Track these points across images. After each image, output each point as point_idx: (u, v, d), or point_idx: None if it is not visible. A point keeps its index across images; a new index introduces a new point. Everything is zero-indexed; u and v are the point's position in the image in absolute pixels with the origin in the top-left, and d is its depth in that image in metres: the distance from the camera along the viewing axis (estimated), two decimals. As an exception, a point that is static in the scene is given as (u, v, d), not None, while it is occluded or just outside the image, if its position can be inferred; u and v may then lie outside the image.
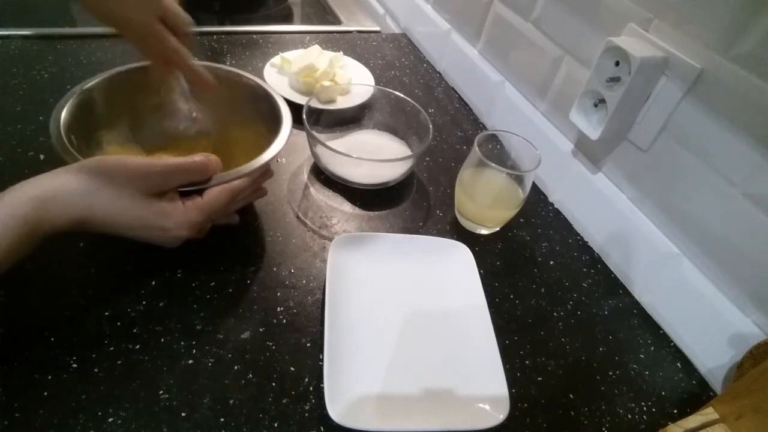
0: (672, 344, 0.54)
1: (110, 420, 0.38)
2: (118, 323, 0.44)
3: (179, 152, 0.58)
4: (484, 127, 0.81)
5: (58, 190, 0.37)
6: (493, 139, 0.61)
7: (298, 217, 0.58)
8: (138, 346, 0.42)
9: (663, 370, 0.51)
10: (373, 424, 0.39)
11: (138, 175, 0.40)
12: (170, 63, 0.51)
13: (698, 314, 0.51)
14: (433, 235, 0.59)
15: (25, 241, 0.35)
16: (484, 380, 0.44)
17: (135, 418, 0.38)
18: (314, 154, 0.64)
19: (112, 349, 0.42)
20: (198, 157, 0.43)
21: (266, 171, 0.48)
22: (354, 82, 0.80)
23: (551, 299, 0.56)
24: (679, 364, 0.53)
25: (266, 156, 0.48)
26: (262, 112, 0.56)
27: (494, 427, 0.41)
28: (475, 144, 0.56)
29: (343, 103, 0.75)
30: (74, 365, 0.40)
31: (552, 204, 0.69)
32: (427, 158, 0.71)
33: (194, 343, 0.44)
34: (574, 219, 0.66)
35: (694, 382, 0.51)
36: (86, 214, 0.38)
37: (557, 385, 0.47)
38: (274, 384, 0.42)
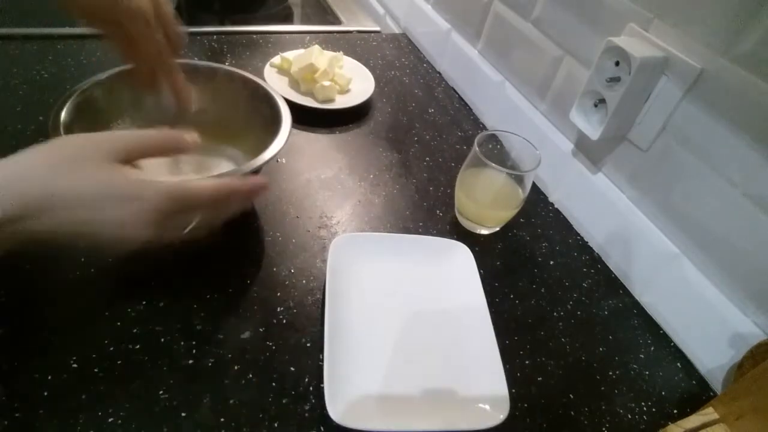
0: (672, 344, 0.54)
1: (110, 420, 0.38)
2: (118, 323, 0.44)
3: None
4: (484, 127, 0.81)
5: (10, 173, 0.31)
6: (493, 139, 0.61)
7: (298, 217, 0.58)
8: (138, 346, 0.42)
9: (663, 370, 0.51)
10: (373, 424, 0.39)
11: (100, 140, 0.35)
12: (153, 69, 0.47)
13: (698, 314, 0.51)
14: (433, 235, 0.59)
15: None
16: (484, 380, 0.44)
17: (135, 418, 0.38)
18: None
19: (112, 349, 0.42)
20: (175, 131, 0.39)
21: (261, 184, 0.41)
22: (354, 82, 0.80)
23: (551, 299, 0.56)
24: (679, 364, 0.53)
25: (266, 155, 0.48)
26: (262, 112, 0.56)
27: (494, 427, 0.41)
28: (475, 144, 0.56)
29: (342, 103, 0.76)
30: (74, 365, 0.40)
31: (552, 204, 0.69)
32: (427, 158, 0.71)
33: (194, 343, 0.44)
34: (574, 219, 0.66)
35: (694, 382, 0.51)
36: (43, 194, 0.31)
37: (557, 385, 0.47)
38: (274, 384, 0.42)
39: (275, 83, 0.75)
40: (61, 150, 0.34)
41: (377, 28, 1.05)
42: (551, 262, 0.60)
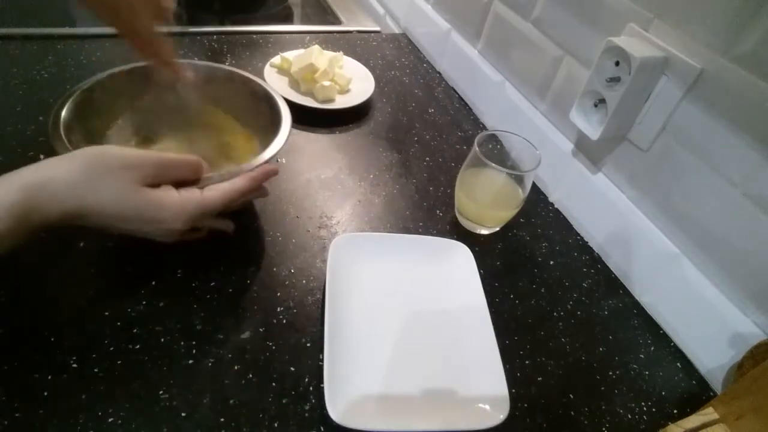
0: (672, 344, 0.54)
1: (110, 420, 0.38)
2: (118, 323, 0.44)
3: (180, 151, 0.58)
4: (484, 127, 0.81)
5: (50, 180, 0.36)
6: (493, 139, 0.61)
7: (298, 217, 0.58)
8: (138, 346, 0.42)
9: (663, 370, 0.51)
10: (373, 424, 0.39)
11: (133, 164, 0.39)
12: (153, 54, 0.50)
13: (698, 314, 0.51)
14: (433, 235, 0.59)
15: (13, 229, 0.34)
16: (484, 380, 0.44)
17: (135, 418, 0.38)
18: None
19: (112, 349, 0.42)
20: (193, 157, 0.43)
21: (271, 170, 0.47)
22: (354, 82, 0.80)
23: (551, 299, 0.56)
24: (679, 364, 0.53)
25: (266, 155, 0.48)
26: (262, 112, 0.56)
27: (494, 427, 0.41)
28: (475, 144, 0.56)
29: (342, 102, 0.76)
30: (74, 365, 0.40)
31: (552, 204, 0.69)
32: (427, 158, 0.71)
33: (194, 343, 0.44)
34: (574, 219, 0.66)
35: (694, 382, 0.51)
36: (79, 205, 0.37)
37: (557, 385, 0.47)
38: (274, 384, 0.42)
39: (275, 83, 0.75)
40: (98, 166, 0.38)
41: (377, 28, 1.05)
42: (551, 262, 0.60)
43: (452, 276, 0.53)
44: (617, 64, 0.52)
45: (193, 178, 0.43)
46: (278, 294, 0.49)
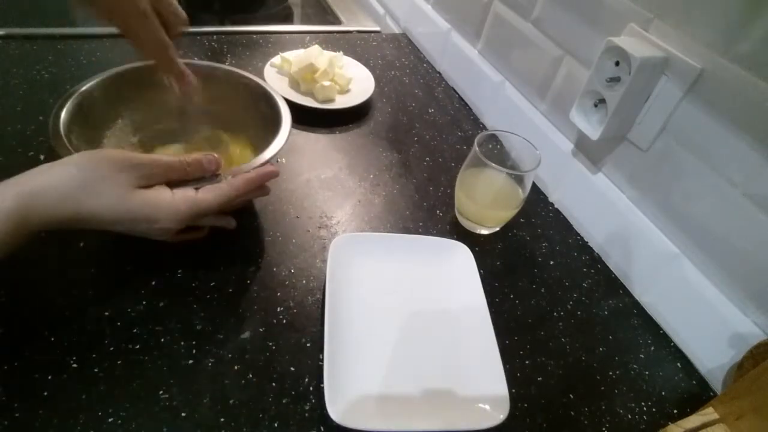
0: (672, 344, 0.54)
1: (110, 420, 0.38)
2: (118, 323, 0.44)
3: (179, 151, 0.58)
4: (484, 127, 0.81)
5: (45, 186, 0.37)
6: (493, 139, 0.61)
7: (298, 217, 0.58)
8: (138, 346, 0.42)
9: (663, 370, 0.51)
10: (373, 424, 0.39)
11: (126, 167, 0.39)
12: (155, 55, 0.50)
13: (698, 314, 0.51)
14: (433, 235, 0.59)
15: (11, 235, 0.35)
16: (484, 380, 0.44)
17: (135, 418, 0.38)
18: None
19: (112, 349, 0.42)
20: (190, 157, 0.43)
21: (269, 172, 0.47)
22: (354, 82, 0.80)
23: (551, 299, 0.56)
24: (679, 364, 0.53)
25: (266, 155, 0.48)
26: (262, 112, 0.56)
27: (494, 427, 0.41)
28: (475, 144, 0.56)
29: (342, 102, 0.76)
30: (74, 365, 0.40)
31: (552, 204, 0.69)
32: (427, 158, 0.71)
33: (194, 343, 0.44)
34: (574, 219, 0.66)
35: (694, 382, 0.51)
36: (74, 211, 0.38)
37: (557, 385, 0.47)
38: (274, 384, 0.42)
39: (275, 83, 0.75)
40: (91, 172, 0.38)
41: (377, 28, 1.05)
42: (551, 262, 0.60)
43: (452, 276, 0.53)
44: (617, 64, 0.52)
45: (188, 178, 0.43)
46: (278, 294, 0.49)
